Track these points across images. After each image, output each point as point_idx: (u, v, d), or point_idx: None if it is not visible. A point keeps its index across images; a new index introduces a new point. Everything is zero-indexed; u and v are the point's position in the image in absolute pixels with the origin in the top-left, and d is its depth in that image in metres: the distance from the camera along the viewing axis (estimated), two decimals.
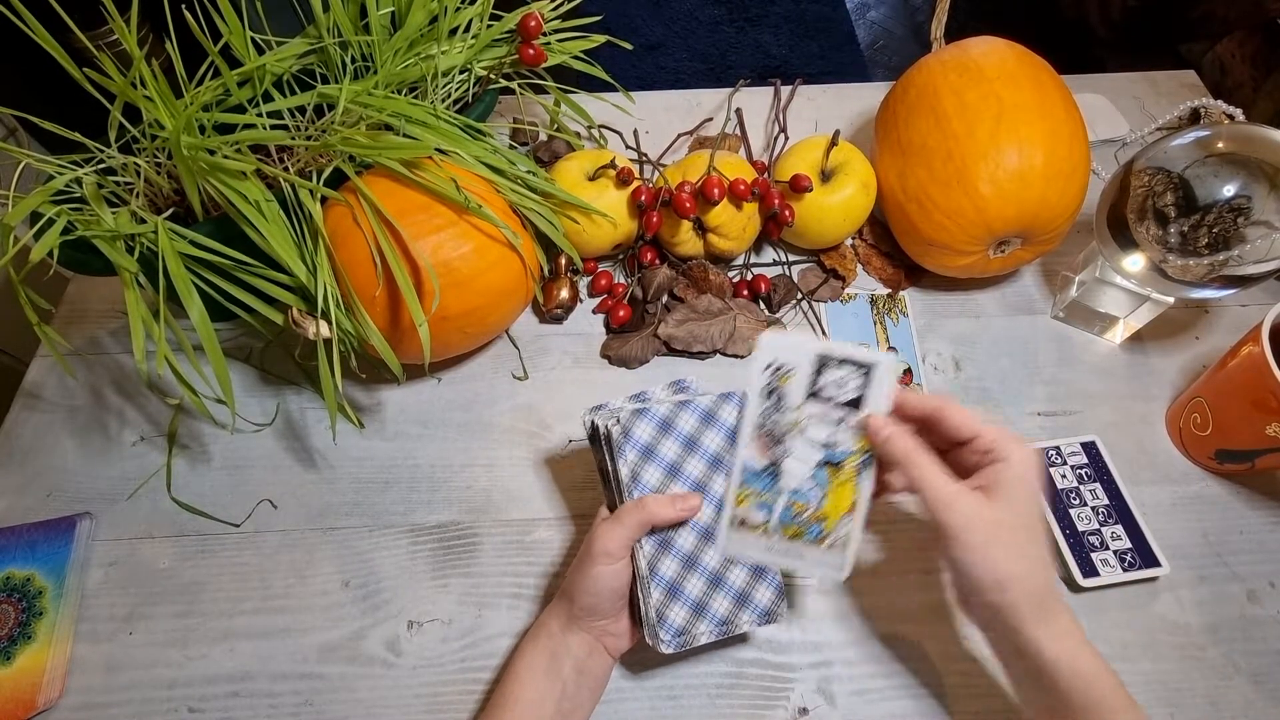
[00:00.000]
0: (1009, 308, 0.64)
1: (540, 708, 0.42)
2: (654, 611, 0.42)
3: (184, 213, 0.53)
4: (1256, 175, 0.48)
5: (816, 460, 0.42)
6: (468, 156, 0.54)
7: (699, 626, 0.43)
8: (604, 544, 0.41)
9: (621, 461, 0.43)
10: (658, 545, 0.43)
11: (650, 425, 0.44)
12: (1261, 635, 0.48)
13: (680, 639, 0.42)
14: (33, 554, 0.51)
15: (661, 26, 1.95)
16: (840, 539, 0.41)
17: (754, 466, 0.42)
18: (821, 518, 0.42)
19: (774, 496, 0.42)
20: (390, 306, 0.49)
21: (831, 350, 0.40)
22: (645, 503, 0.42)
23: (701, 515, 0.43)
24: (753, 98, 0.78)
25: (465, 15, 0.58)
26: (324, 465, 0.57)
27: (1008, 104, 0.54)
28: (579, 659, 0.43)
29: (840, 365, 0.41)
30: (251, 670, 0.48)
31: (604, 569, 0.41)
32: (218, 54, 0.49)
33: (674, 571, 0.43)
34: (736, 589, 0.44)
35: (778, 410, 0.42)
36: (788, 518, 0.42)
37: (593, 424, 0.45)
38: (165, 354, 0.45)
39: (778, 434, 0.42)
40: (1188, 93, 0.79)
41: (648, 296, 0.63)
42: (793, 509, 0.42)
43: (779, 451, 0.42)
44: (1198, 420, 0.54)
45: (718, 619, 0.43)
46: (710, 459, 0.44)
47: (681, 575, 0.43)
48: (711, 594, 0.43)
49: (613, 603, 0.43)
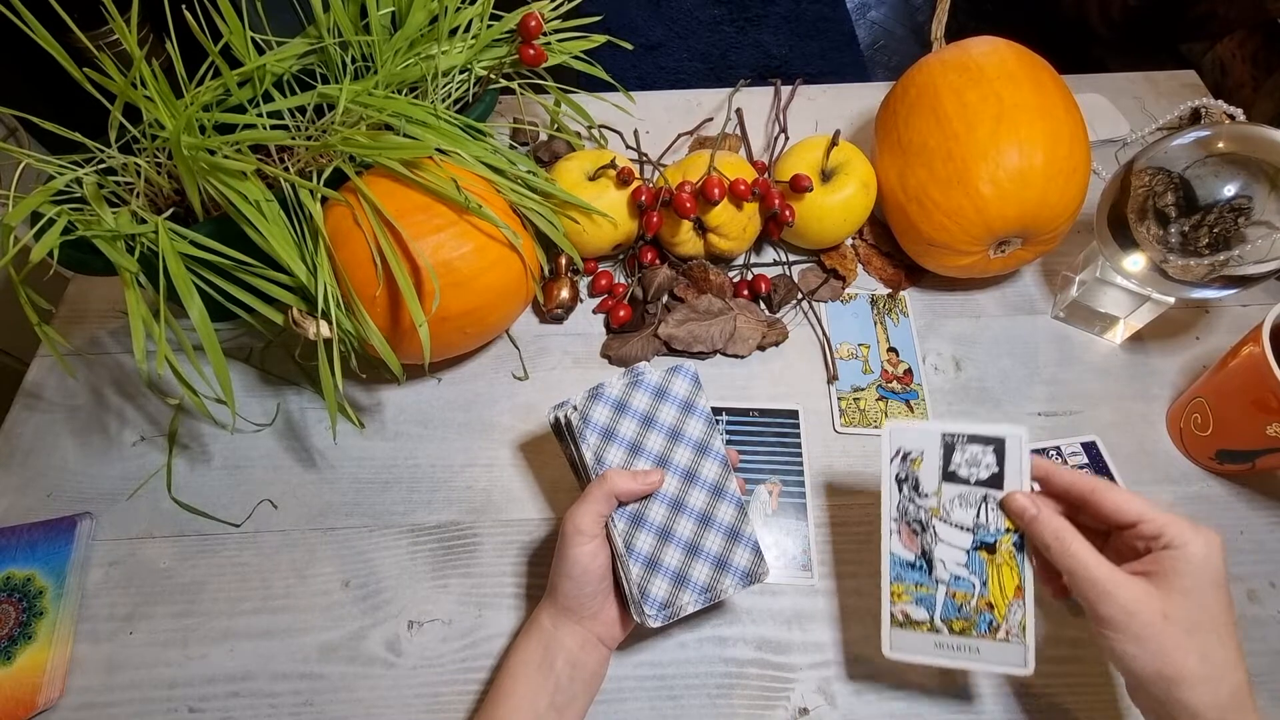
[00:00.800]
0: (1009, 308, 0.64)
1: (534, 702, 0.42)
2: (636, 588, 0.43)
3: (184, 213, 0.53)
4: (1257, 175, 0.48)
5: (968, 544, 0.40)
6: (468, 156, 0.54)
7: (683, 597, 0.43)
8: (575, 522, 0.42)
9: (585, 446, 0.44)
10: (630, 522, 0.43)
11: (606, 407, 0.45)
12: (1262, 635, 0.48)
13: (665, 611, 0.42)
14: (33, 554, 0.51)
15: (662, 26, 1.95)
16: (1015, 627, 0.39)
17: (904, 558, 0.41)
18: (988, 605, 0.40)
19: (932, 588, 0.41)
20: (390, 306, 0.49)
21: (956, 428, 0.40)
22: (607, 475, 0.42)
23: (669, 487, 0.44)
24: (753, 98, 0.78)
25: (465, 15, 0.58)
26: (324, 465, 0.57)
27: (1008, 104, 0.54)
28: (571, 652, 0.43)
29: (969, 442, 0.41)
30: (252, 670, 0.48)
31: (579, 549, 0.42)
32: (218, 54, 0.49)
33: (650, 545, 0.43)
34: (715, 555, 0.44)
35: (917, 497, 0.41)
36: (952, 611, 0.40)
37: (555, 418, 0.46)
38: (165, 354, 0.45)
39: (922, 521, 0.41)
40: (1188, 92, 0.79)
41: (648, 296, 0.63)
42: (955, 600, 0.40)
43: (926, 540, 0.41)
44: (1198, 420, 0.54)
45: (700, 587, 0.43)
46: (668, 432, 0.45)
47: (658, 548, 0.43)
48: (690, 563, 0.43)
49: (594, 586, 0.43)
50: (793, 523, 0.53)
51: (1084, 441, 0.55)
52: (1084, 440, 0.56)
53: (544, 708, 0.42)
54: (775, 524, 0.53)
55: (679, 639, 0.49)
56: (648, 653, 0.49)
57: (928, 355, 0.61)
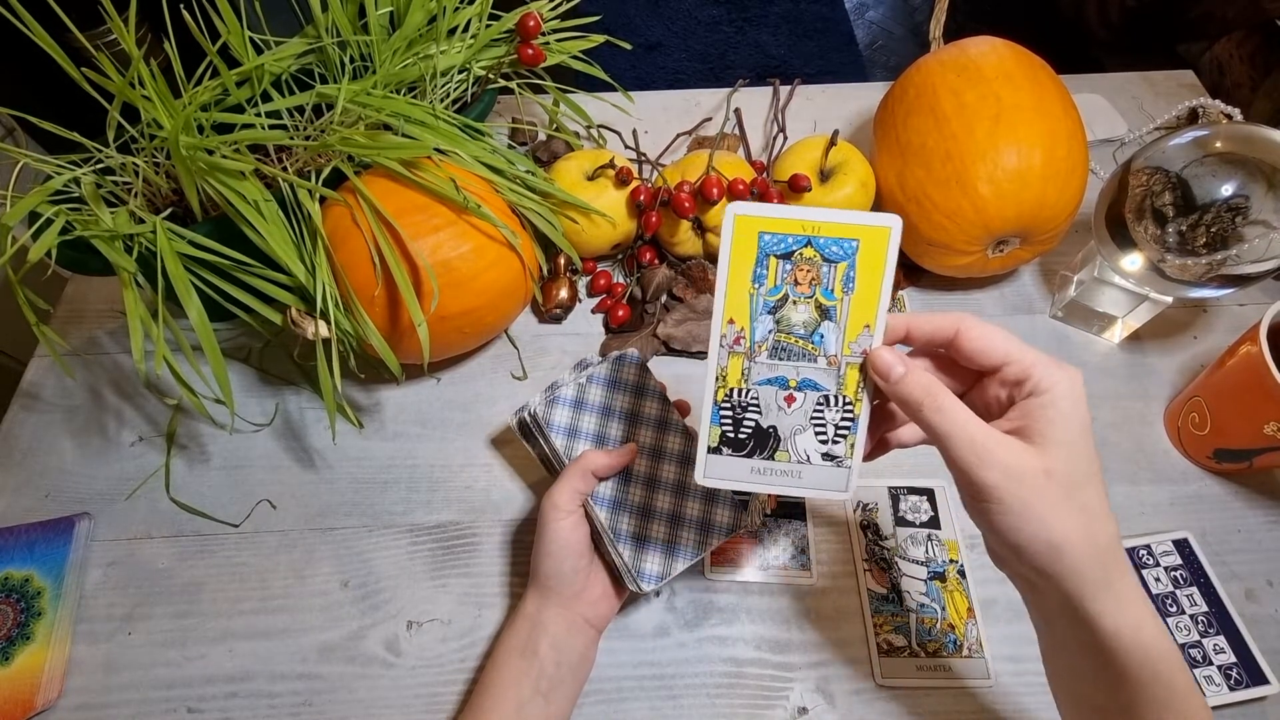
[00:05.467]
0: (1008, 307, 0.65)
1: (518, 688, 0.41)
2: (628, 560, 0.44)
3: (182, 213, 0.53)
4: (1254, 175, 0.48)
5: (924, 576, 0.50)
6: (466, 156, 0.54)
7: (674, 563, 0.45)
8: (552, 499, 0.43)
9: (555, 439, 0.47)
10: (611, 509, 0.45)
11: (565, 409, 0.48)
12: (1260, 634, 0.48)
13: (658, 579, 0.44)
14: (31, 554, 0.51)
15: (660, 26, 1.95)
16: (974, 644, 0.48)
17: (879, 592, 0.50)
18: (949, 627, 0.48)
19: (905, 616, 0.49)
20: (389, 306, 0.49)
21: (898, 482, 0.54)
22: (584, 454, 0.44)
23: (640, 467, 0.47)
24: (752, 98, 0.78)
25: (464, 15, 0.58)
26: (323, 465, 0.57)
27: (1006, 104, 0.54)
28: (556, 636, 0.43)
29: (909, 494, 0.53)
30: (250, 670, 0.48)
31: (557, 524, 0.42)
32: (216, 54, 0.49)
33: (634, 525, 0.45)
34: (696, 519, 0.46)
35: (879, 541, 0.52)
36: (925, 636, 0.48)
37: (520, 420, 0.49)
38: (164, 354, 0.45)
39: (887, 560, 0.51)
40: (1186, 92, 0.79)
41: (647, 296, 0.63)
42: (925, 624, 0.48)
43: (893, 576, 0.50)
44: (1196, 419, 0.54)
45: (688, 551, 0.46)
46: (627, 417, 0.48)
47: (642, 526, 0.45)
48: (677, 532, 0.46)
49: (574, 561, 0.43)
50: (792, 523, 0.53)
51: (1175, 540, 0.51)
52: (1175, 538, 0.51)
53: (528, 693, 0.41)
54: (775, 524, 0.53)
55: (678, 639, 0.49)
56: (647, 653, 0.49)
57: None
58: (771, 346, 0.34)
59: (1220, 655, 0.47)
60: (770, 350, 0.34)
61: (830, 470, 0.35)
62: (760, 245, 0.33)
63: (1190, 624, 0.48)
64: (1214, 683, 0.46)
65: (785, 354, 0.34)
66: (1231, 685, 0.46)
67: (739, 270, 0.34)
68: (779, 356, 0.34)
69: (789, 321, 0.34)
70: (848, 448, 0.34)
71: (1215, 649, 0.47)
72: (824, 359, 0.34)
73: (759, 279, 0.34)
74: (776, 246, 0.33)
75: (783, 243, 0.33)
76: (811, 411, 0.34)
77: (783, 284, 0.34)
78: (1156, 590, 0.50)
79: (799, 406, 0.34)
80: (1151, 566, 0.51)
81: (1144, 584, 0.50)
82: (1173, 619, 0.48)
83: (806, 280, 0.33)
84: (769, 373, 0.34)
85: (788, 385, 0.34)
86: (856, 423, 0.34)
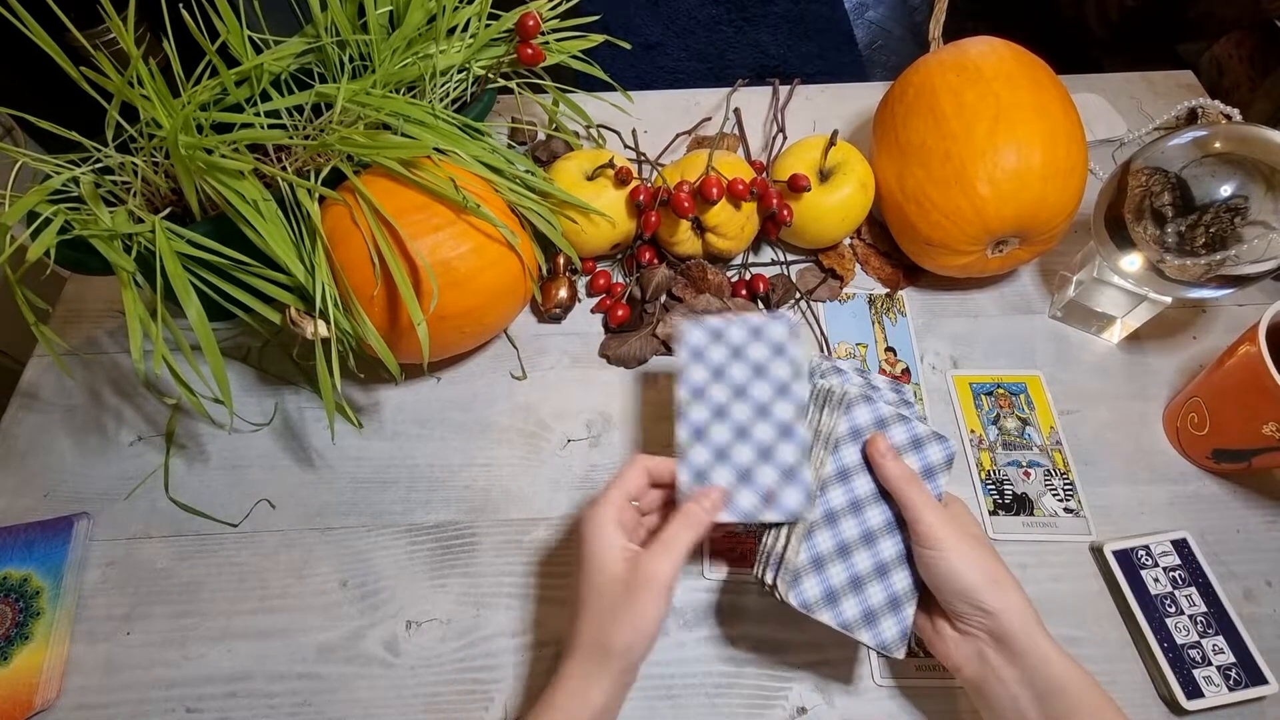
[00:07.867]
0: (1007, 307, 0.65)
1: None
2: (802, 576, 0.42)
3: (181, 212, 0.53)
4: (1253, 175, 0.48)
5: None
6: (466, 156, 0.54)
7: (846, 608, 0.42)
8: (663, 576, 0.38)
9: (840, 421, 0.44)
10: (827, 523, 0.43)
11: (867, 417, 0.45)
12: (1259, 634, 0.48)
13: (812, 604, 0.42)
14: (30, 554, 0.51)
15: (660, 26, 1.95)
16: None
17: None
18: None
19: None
20: (388, 306, 0.49)
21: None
22: (689, 511, 0.40)
23: (836, 501, 0.43)
24: (751, 97, 0.78)
25: (463, 14, 0.58)
26: (322, 465, 0.57)
27: (1005, 104, 0.54)
28: (612, 714, 0.39)
29: None
30: (249, 670, 0.48)
31: (662, 606, 0.38)
32: (215, 53, 0.49)
33: (831, 548, 0.43)
34: (890, 593, 0.42)
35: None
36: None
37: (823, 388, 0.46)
38: (163, 354, 0.45)
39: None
40: (1185, 93, 0.79)
41: (646, 296, 0.63)
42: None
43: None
44: (1195, 420, 0.54)
45: (873, 611, 0.42)
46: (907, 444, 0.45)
47: (841, 556, 0.43)
48: (873, 586, 0.42)
49: (658, 636, 0.39)
50: None
51: (1174, 540, 0.51)
52: (1174, 538, 0.51)
53: None
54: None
55: (677, 639, 0.49)
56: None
57: (925, 355, 0.62)
58: None
59: (1219, 655, 0.47)
60: None
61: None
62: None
63: (1189, 624, 0.48)
64: (1213, 683, 0.46)
65: None
66: (1230, 685, 0.46)
67: None
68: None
69: None
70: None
71: (1214, 649, 0.47)
72: None
73: None
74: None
75: None
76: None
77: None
78: (1155, 591, 0.49)
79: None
80: (1150, 567, 0.50)
81: (1143, 584, 0.49)
82: (1171, 619, 0.48)
83: None
84: None
85: None
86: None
